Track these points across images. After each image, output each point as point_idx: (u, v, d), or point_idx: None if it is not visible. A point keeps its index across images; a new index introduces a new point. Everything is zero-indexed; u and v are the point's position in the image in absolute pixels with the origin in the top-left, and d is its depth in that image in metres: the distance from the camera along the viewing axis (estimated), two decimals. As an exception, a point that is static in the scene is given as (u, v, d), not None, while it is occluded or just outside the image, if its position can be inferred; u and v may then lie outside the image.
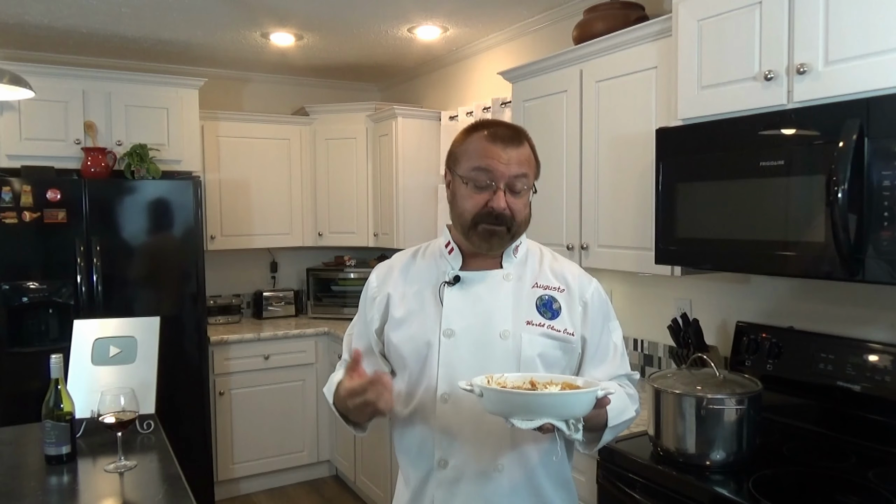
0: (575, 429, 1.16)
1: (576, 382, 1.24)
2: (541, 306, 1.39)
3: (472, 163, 1.35)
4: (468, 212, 1.35)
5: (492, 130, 1.37)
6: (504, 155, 1.33)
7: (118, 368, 2.25)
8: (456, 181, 1.39)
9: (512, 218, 1.34)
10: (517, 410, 1.15)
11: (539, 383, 1.24)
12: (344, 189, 4.36)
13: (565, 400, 1.15)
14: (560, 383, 1.24)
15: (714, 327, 2.44)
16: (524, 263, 1.45)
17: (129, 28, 3.43)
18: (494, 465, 1.35)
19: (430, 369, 1.37)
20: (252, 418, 3.98)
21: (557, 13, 3.17)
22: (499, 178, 1.32)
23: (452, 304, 1.39)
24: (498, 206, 1.32)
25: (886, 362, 1.84)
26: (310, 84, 4.74)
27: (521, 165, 1.34)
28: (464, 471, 1.36)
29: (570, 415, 1.15)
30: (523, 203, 1.37)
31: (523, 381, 1.25)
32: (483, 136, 1.36)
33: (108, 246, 3.39)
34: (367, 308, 1.49)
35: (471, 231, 1.36)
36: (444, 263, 1.44)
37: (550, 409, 1.14)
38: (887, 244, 1.48)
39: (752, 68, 1.81)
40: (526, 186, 1.36)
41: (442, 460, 1.37)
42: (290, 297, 4.55)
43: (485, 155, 1.34)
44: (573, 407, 1.15)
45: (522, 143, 1.37)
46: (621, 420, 1.38)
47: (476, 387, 1.19)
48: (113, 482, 1.80)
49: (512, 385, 1.23)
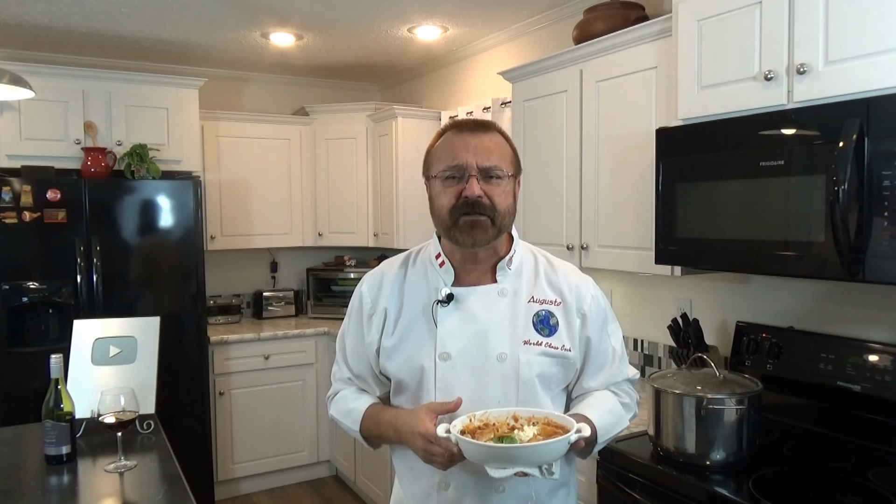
0: (549, 472, 1.18)
1: (557, 421, 1.26)
2: (538, 323, 1.35)
3: (442, 161, 1.32)
4: (444, 208, 1.31)
5: (457, 125, 1.35)
6: (472, 142, 1.30)
7: (118, 368, 2.25)
8: (431, 184, 1.36)
9: (493, 207, 1.29)
10: (490, 460, 1.18)
11: (521, 418, 1.26)
12: (344, 189, 4.36)
13: (537, 451, 1.17)
14: (541, 420, 1.26)
15: (714, 327, 2.44)
16: (519, 275, 1.39)
17: (129, 28, 3.43)
18: (496, 485, 1.32)
19: (428, 392, 1.34)
20: (252, 418, 3.98)
21: (557, 13, 3.17)
22: (468, 167, 1.29)
23: (447, 326, 1.34)
24: (471, 194, 1.27)
25: (886, 362, 1.84)
26: (310, 84, 4.74)
27: (492, 152, 1.30)
28: (465, 492, 1.33)
29: (542, 462, 1.18)
30: (502, 191, 1.31)
31: (507, 417, 1.27)
32: (449, 133, 1.35)
33: (108, 246, 3.39)
34: (365, 326, 1.42)
35: (452, 228, 1.31)
36: (436, 277, 1.38)
37: (522, 459, 1.17)
38: (887, 244, 1.48)
39: (752, 68, 1.81)
40: (502, 174, 1.31)
41: (443, 482, 1.35)
42: (290, 297, 4.55)
43: (451, 148, 1.31)
44: (545, 455, 1.18)
45: (490, 131, 1.34)
46: (613, 434, 1.39)
47: (452, 436, 1.20)
48: (113, 482, 1.80)
49: (495, 421, 1.25)
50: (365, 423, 1.42)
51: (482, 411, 1.26)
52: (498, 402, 1.31)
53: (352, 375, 1.49)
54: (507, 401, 1.32)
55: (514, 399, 1.33)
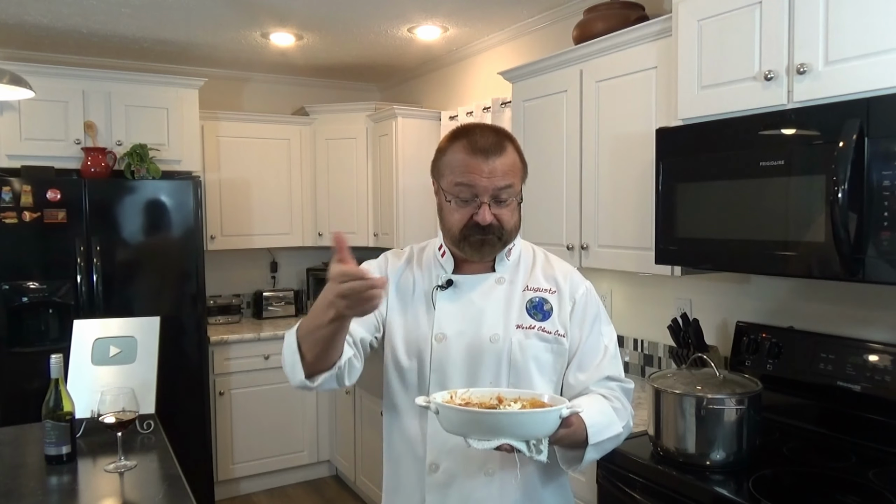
0: (536, 450, 1.07)
1: (543, 399, 1.16)
2: (531, 308, 1.39)
3: (455, 177, 1.32)
4: (455, 227, 1.35)
5: (472, 139, 1.32)
6: (486, 168, 1.29)
7: (118, 368, 2.25)
8: (440, 195, 1.38)
9: (501, 228, 1.34)
10: (473, 429, 1.07)
11: (506, 399, 1.15)
12: (344, 189, 4.36)
13: (524, 419, 1.06)
14: (528, 400, 1.15)
15: (714, 327, 2.44)
16: (517, 267, 1.44)
17: (129, 28, 3.43)
18: (486, 468, 1.34)
19: (422, 372, 1.37)
20: (252, 418, 3.98)
21: (557, 13, 3.17)
22: (482, 193, 1.30)
23: (444, 309, 1.39)
24: (483, 221, 1.31)
25: (886, 362, 1.84)
26: (310, 84, 4.74)
27: (506, 176, 1.31)
28: (455, 474, 1.35)
29: (530, 435, 1.07)
30: (510, 211, 1.35)
31: (490, 397, 1.17)
32: (464, 147, 1.32)
33: (108, 246, 3.39)
34: None
35: (461, 242, 1.35)
36: (438, 267, 1.44)
37: (508, 428, 1.06)
38: (887, 244, 1.48)
39: (752, 68, 1.81)
40: (512, 193, 1.34)
41: (433, 464, 1.36)
42: (290, 297, 4.55)
43: (466, 170, 1.30)
44: (533, 427, 1.07)
45: (505, 151, 1.32)
46: (605, 437, 1.28)
47: (432, 403, 1.11)
48: (113, 482, 1.80)
49: (478, 401, 1.14)
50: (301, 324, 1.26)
51: (464, 389, 1.23)
52: (489, 383, 1.34)
53: None
54: (499, 383, 1.34)
55: (506, 382, 1.34)
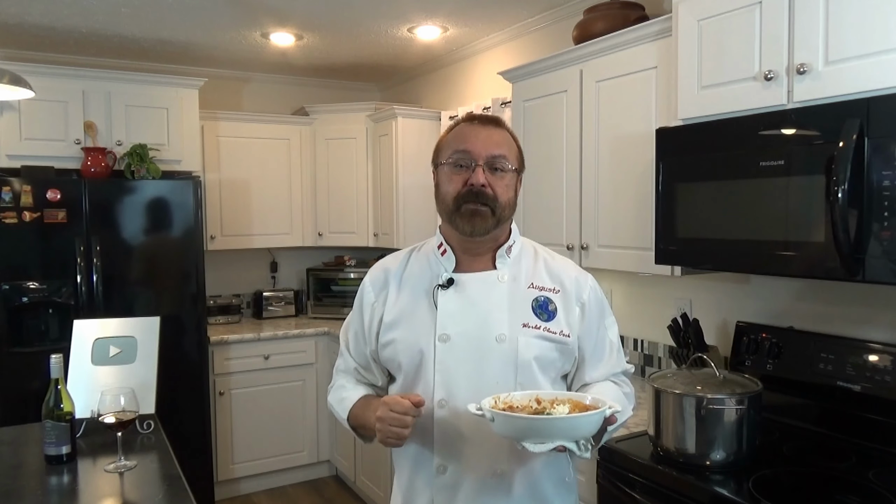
0: (585, 448, 1.17)
1: (584, 401, 1.25)
2: (536, 308, 1.39)
3: (452, 147, 1.38)
4: (450, 194, 1.36)
5: (469, 117, 1.42)
6: (482, 132, 1.37)
7: (118, 368, 2.25)
8: (439, 171, 1.42)
9: (495, 198, 1.34)
10: (528, 434, 1.16)
11: (544, 400, 1.25)
12: (344, 189, 4.36)
13: (577, 423, 1.16)
14: (567, 401, 1.24)
15: (714, 327, 2.44)
16: (518, 263, 1.44)
17: (129, 28, 3.43)
18: (494, 469, 1.34)
19: (427, 374, 1.37)
20: (252, 418, 3.98)
21: (557, 13, 3.17)
22: (477, 156, 1.35)
23: (447, 308, 1.38)
24: (476, 181, 1.33)
25: (886, 362, 1.84)
26: (310, 84, 4.74)
27: (500, 145, 1.37)
28: (463, 476, 1.35)
29: (580, 436, 1.17)
30: (505, 184, 1.37)
31: (529, 400, 1.26)
32: (461, 124, 1.42)
33: (108, 246, 3.39)
34: (367, 318, 1.47)
35: (454, 214, 1.36)
36: (438, 265, 1.43)
37: (561, 432, 1.16)
38: (887, 244, 1.48)
39: (752, 68, 1.81)
40: (507, 166, 1.37)
41: (441, 466, 1.36)
42: (290, 297, 4.55)
43: (462, 138, 1.38)
44: (584, 429, 1.17)
45: (500, 127, 1.41)
46: (620, 422, 1.37)
47: (486, 411, 1.19)
48: (113, 482, 1.80)
49: (518, 404, 1.24)
50: (354, 410, 1.45)
51: (505, 394, 1.28)
52: (496, 383, 1.33)
53: (357, 365, 1.52)
54: (505, 382, 1.34)
55: (513, 381, 1.34)
